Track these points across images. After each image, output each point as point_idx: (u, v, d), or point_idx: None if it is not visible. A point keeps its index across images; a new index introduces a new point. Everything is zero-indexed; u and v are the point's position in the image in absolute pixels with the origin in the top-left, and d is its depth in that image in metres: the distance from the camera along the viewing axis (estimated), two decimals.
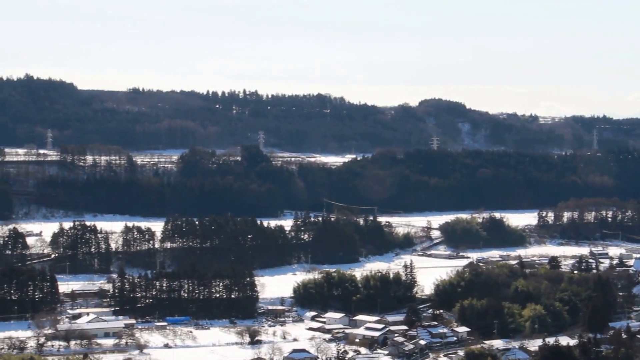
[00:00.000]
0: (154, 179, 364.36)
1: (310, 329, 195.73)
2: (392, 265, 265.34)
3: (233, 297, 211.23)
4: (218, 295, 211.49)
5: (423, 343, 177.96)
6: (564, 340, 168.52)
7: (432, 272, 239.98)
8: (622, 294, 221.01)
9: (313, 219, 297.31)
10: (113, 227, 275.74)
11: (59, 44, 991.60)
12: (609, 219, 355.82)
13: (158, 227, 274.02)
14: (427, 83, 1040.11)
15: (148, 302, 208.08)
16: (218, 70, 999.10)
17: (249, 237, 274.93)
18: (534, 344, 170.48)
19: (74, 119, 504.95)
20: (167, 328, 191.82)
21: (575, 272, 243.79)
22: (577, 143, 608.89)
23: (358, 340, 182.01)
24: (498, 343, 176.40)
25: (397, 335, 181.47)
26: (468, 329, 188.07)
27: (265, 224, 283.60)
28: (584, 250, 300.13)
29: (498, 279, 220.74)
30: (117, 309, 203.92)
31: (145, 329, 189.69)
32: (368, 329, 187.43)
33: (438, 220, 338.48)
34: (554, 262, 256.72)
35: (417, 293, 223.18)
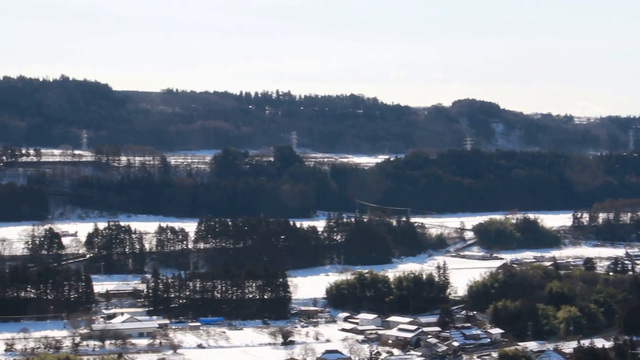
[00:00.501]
0: (188, 180, 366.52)
1: (343, 330, 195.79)
2: (425, 267, 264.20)
3: (266, 297, 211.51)
4: (251, 296, 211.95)
5: (456, 344, 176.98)
6: (599, 343, 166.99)
7: (465, 273, 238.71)
8: None
9: (346, 220, 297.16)
10: (147, 227, 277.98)
11: (94, 45, 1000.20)
12: None
13: (191, 227, 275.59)
14: (460, 82, 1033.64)
15: (181, 302, 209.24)
16: (251, 71, 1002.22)
17: (282, 237, 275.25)
18: (569, 346, 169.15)
19: (109, 120, 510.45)
20: (200, 328, 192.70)
21: (611, 273, 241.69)
22: (612, 143, 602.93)
23: (391, 342, 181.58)
24: (532, 345, 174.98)
25: (430, 337, 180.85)
26: (502, 331, 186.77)
27: (298, 225, 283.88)
28: (620, 252, 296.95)
29: (532, 281, 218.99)
30: (151, 309, 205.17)
31: (179, 329, 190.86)
32: (401, 330, 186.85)
33: (471, 221, 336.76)
34: (589, 263, 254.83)
35: (450, 294, 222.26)
